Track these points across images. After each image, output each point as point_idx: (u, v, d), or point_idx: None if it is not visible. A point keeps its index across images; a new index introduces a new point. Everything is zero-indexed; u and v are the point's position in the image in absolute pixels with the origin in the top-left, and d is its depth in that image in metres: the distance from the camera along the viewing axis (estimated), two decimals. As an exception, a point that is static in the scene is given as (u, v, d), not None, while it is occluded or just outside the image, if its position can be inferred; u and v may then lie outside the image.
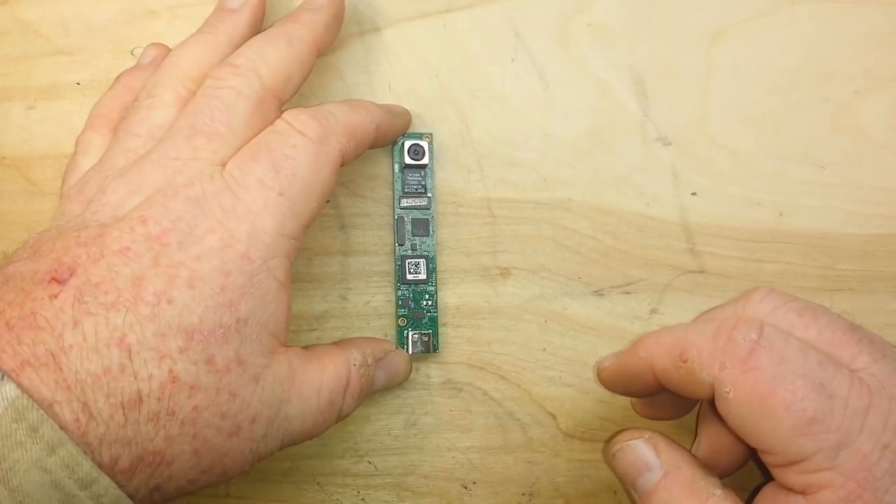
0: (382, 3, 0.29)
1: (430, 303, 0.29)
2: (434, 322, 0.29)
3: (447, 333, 0.29)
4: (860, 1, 0.29)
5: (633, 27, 0.29)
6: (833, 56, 0.29)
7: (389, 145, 0.29)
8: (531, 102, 0.29)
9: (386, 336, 0.29)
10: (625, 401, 0.29)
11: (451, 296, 0.29)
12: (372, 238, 0.29)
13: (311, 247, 0.29)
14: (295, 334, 0.28)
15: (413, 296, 0.29)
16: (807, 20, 0.29)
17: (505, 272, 0.29)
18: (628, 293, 0.29)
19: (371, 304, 0.29)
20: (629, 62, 0.29)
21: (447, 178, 0.29)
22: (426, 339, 0.28)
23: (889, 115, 0.29)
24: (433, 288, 0.29)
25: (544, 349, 0.29)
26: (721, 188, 0.29)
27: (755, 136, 0.29)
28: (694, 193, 0.29)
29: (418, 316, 0.28)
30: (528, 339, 0.29)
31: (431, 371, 0.29)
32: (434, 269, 0.29)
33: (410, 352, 0.28)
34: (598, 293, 0.29)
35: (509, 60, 0.29)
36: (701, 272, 0.29)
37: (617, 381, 0.26)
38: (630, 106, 0.29)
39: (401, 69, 0.29)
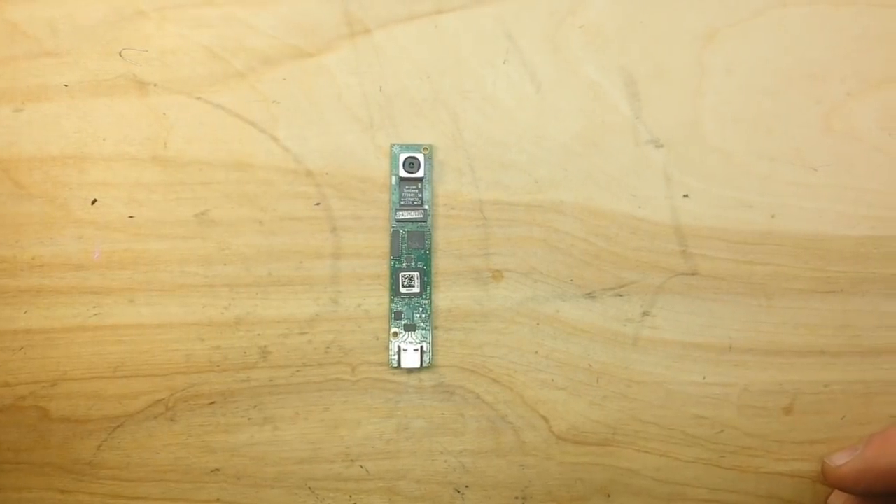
0: (373, 4, 0.29)
1: (423, 315, 0.28)
2: (427, 335, 0.28)
3: (439, 336, 0.29)
4: (852, 3, 0.29)
5: (624, 29, 0.29)
6: (825, 58, 0.29)
7: (386, 150, 0.28)
8: (523, 104, 0.29)
9: (377, 340, 0.29)
10: (618, 404, 0.29)
11: (443, 298, 0.29)
12: (363, 241, 0.29)
13: (301, 250, 0.28)
14: (285, 338, 0.28)
15: (407, 309, 0.28)
16: (799, 22, 0.29)
17: (497, 275, 0.29)
18: (620, 295, 0.29)
19: (362, 307, 0.29)
20: (621, 64, 0.29)
21: (439, 181, 0.29)
22: (419, 352, 0.28)
23: (880, 116, 0.29)
24: (427, 301, 0.28)
25: (536, 352, 0.29)
26: (713, 190, 0.29)
27: (747, 138, 0.29)
28: (686, 195, 0.29)
29: (411, 329, 0.28)
30: (521, 342, 0.29)
31: (423, 374, 0.29)
32: (429, 283, 0.28)
33: (403, 365, 0.28)
34: (591, 295, 0.29)
35: (501, 62, 0.29)
36: (693, 274, 0.29)
37: (861, 481, 0.24)
38: (622, 108, 0.29)
39: (392, 71, 0.29)
